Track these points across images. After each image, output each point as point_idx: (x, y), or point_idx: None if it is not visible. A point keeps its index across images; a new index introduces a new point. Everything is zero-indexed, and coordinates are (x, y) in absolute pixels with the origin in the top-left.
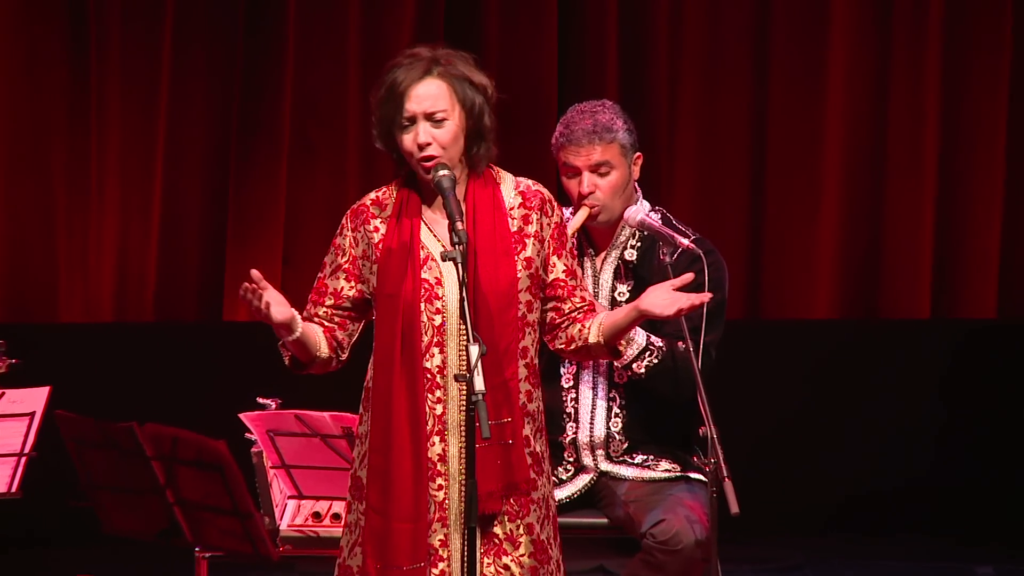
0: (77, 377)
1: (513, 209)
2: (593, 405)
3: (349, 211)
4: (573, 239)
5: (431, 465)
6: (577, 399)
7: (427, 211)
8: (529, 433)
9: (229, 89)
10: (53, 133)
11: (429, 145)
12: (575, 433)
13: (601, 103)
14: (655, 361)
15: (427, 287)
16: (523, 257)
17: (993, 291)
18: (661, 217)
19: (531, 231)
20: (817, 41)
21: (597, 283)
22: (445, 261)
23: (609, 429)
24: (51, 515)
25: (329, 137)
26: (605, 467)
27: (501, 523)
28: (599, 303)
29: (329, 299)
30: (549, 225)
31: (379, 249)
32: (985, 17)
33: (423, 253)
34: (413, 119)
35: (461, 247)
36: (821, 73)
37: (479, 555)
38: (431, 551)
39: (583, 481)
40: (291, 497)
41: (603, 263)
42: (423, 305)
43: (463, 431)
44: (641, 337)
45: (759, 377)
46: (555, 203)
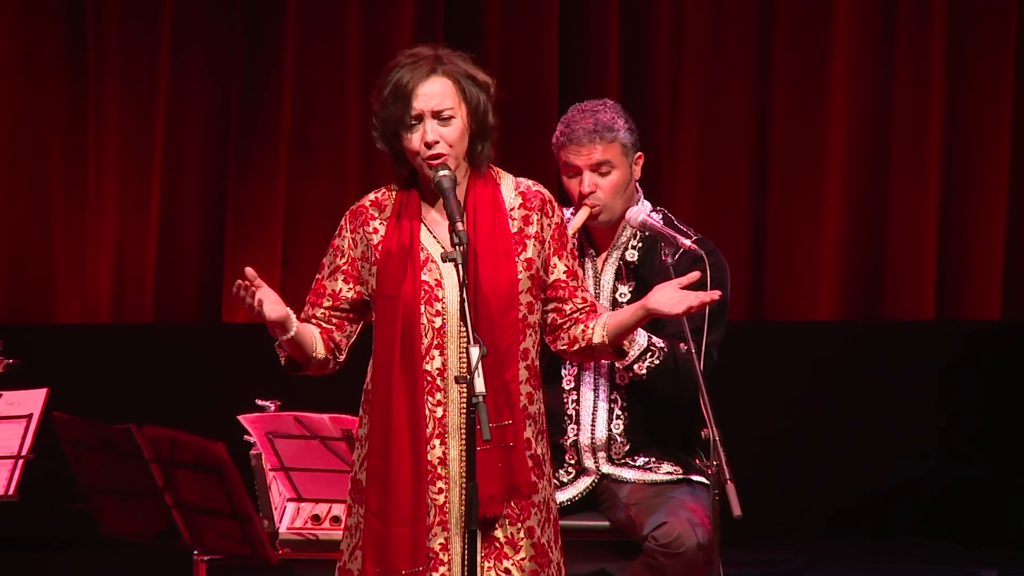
0: (75, 379)
1: (513, 210)
2: (594, 407)
3: (348, 212)
4: (574, 239)
5: (431, 468)
6: (578, 401)
7: (427, 212)
8: (530, 436)
9: (228, 89)
10: (51, 133)
11: (437, 143)
12: (576, 435)
13: (602, 102)
14: (656, 362)
15: (427, 289)
16: (523, 258)
17: (997, 292)
18: (662, 217)
19: (531, 232)
20: (820, 40)
21: (598, 284)
22: (445, 262)
23: (611, 431)
24: (49, 518)
25: (328, 137)
26: (606, 470)
27: (502, 526)
28: (600, 304)
29: (327, 300)
30: (550, 226)
31: (378, 251)
32: (989, 16)
33: (423, 255)
34: (420, 117)
35: (461, 248)
36: (824, 72)
37: (479, 559)
38: (431, 555)
39: (584, 484)
40: (290, 499)
41: (604, 264)
42: (423, 307)
43: (463, 434)
44: (642, 338)
45: (761, 378)
46: (555, 204)
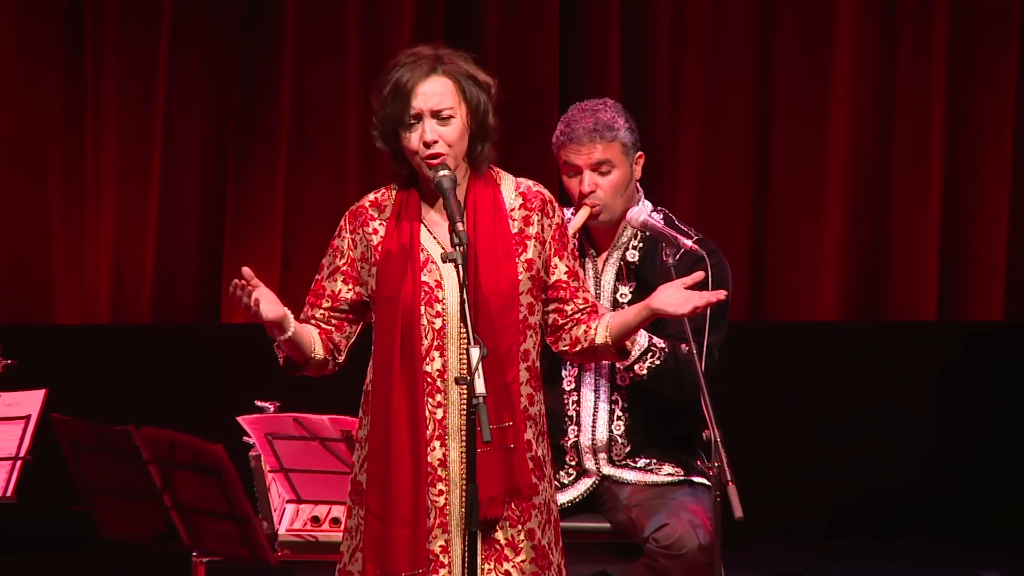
0: (73, 380)
1: (514, 210)
2: (595, 408)
3: (348, 213)
4: (574, 239)
5: (431, 470)
6: (579, 402)
7: (427, 213)
8: (531, 437)
9: (227, 89)
10: (49, 133)
11: (435, 143)
12: (577, 436)
13: (602, 101)
14: (657, 362)
15: (427, 290)
16: (524, 259)
17: (1000, 292)
18: (663, 217)
19: (532, 232)
20: (821, 39)
21: (598, 284)
22: (445, 263)
23: (611, 432)
24: (47, 519)
25: (328, 137)
26: (607, 471)
27: (502, 528)
28: (601, 304)
29: (326, 301)
30: (550, 226)
31: (378, 251)
32: (991, 15)
33: (423, 255)
34: (419, 116)
35: (461, 248)
36: (825, 72)
37: (480, 561)
38: (431, 557)
39: (585, 485)
40: (289, 501)
41: (605, 264)
42: (423, 308)
43: (464, 435)
44: (643, 338)
45: (762, 379)
46: (556, 204)
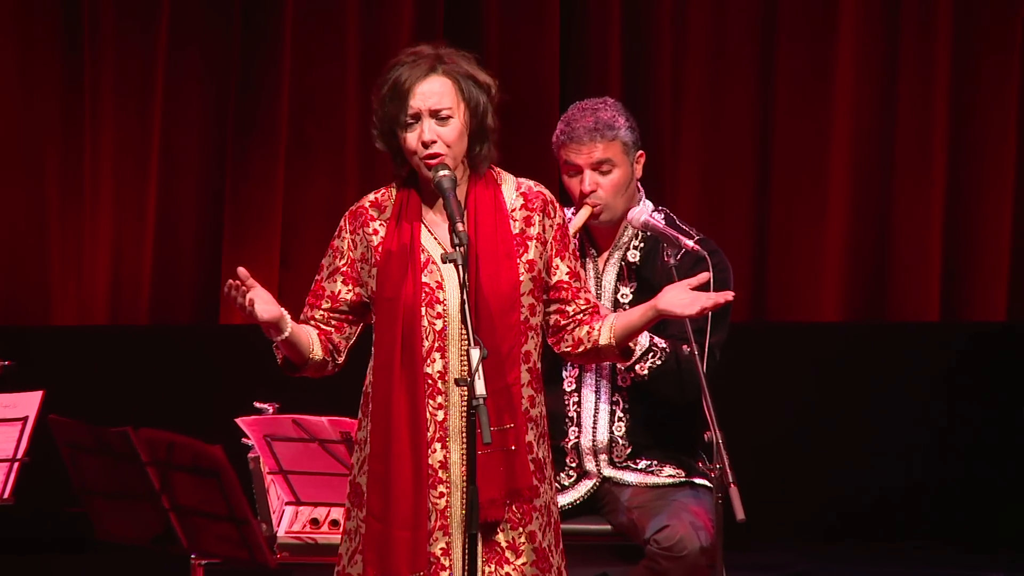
0: (71, 381)
1: (515, 211)
2: (596, 409)
3: (347, 213)
4: (575, 239)
5: (432, 472)
6: (580, 403)
7: (427, 213)
8: (532, 439)
9: (225, 88)
10: (46, 133)
11: (434, 143)
12: (578, 438)
13: (603, 100)
14: (658, 363)
15: (428, 291)
16: (525, 260)
17: (1003, 293)
18: (664, 217)
19: (533, 233)
20: (824, 39)
21: (599, 284)
22: (446, 263)
23: (612, 433)
24: (44, 521)
25: (327, 137)
26: (608, 472)
27: (503, 531)
28: (602, 305)
29: (326, 302)
30: (551, 227)
31: (378, 252)
32: (994, 15)
33: (423, 256)
34: (418, 116)
35: (462, 249)
36: (828, 71)
37: (480, 563)
38: (432, 559)
39: (586, 487)
40: (288, 503)
41: (605, 264)
42: (424, 309)
43: (465, 437)
44: (644, 338)
45: (764, 380)
46: (557, 204)
